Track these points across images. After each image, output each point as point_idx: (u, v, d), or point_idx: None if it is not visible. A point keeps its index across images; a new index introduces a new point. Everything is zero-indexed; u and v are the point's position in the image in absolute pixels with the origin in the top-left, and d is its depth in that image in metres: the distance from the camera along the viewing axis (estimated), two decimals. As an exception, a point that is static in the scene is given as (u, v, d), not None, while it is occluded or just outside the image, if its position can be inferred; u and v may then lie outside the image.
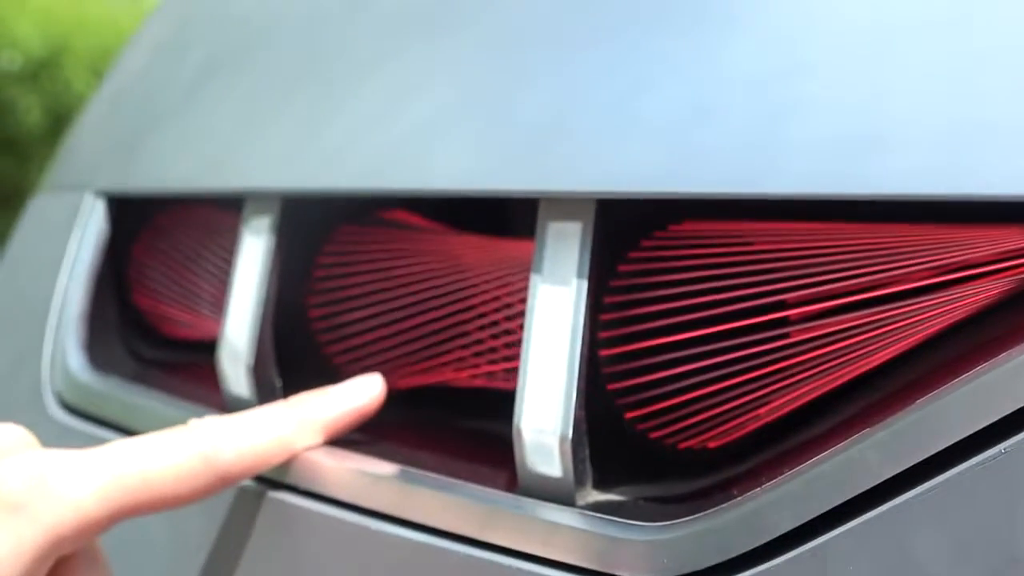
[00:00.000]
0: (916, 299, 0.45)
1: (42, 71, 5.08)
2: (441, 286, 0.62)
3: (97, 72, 5.13)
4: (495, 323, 0.60)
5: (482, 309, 0.61)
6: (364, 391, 0.58)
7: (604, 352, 0.50)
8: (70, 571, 0.51)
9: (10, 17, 5.07)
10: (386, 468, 0.54)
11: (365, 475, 0.54)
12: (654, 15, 0.51)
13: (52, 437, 0.72)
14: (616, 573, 0.45)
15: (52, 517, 0.47)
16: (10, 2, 5.20)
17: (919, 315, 0.45)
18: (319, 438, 0.57)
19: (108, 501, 0.49)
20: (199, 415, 0.63)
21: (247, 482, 0.58)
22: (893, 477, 0.39)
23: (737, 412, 0.50)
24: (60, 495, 0.48)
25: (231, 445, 0.53)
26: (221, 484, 0.53)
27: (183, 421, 0.58)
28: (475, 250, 0.61)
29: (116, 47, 5.21)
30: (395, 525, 0.52)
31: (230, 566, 0.58)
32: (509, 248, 0.59)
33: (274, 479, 0.57)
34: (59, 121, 5.08)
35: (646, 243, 0.51)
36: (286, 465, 0.56)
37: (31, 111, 5.02)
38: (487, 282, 0.61)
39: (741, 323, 0.49)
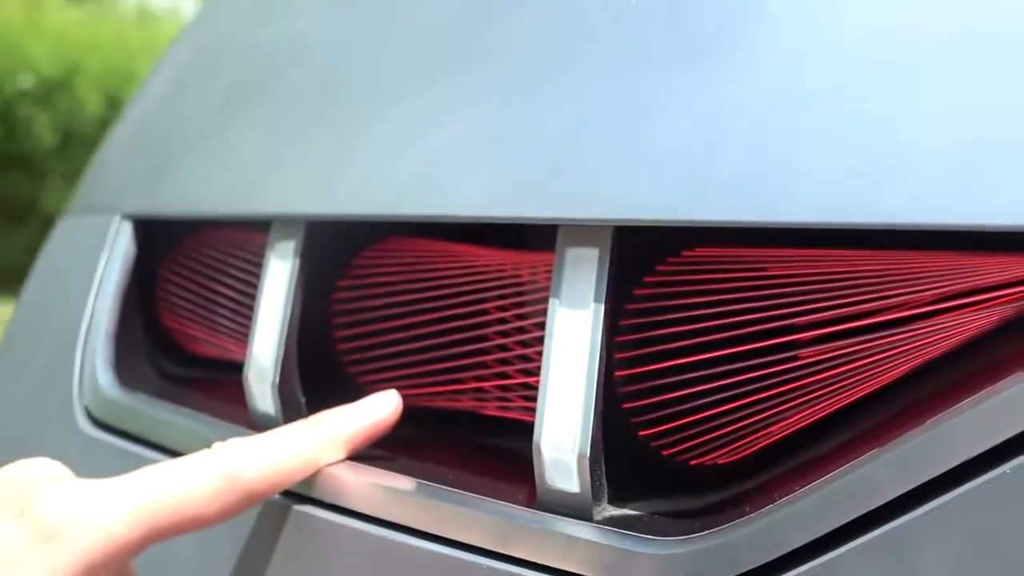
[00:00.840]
0: (921, 323, 0.46)
1: (55, 91, 5.09)
2: (460, 305, 0.63)
3: (107, 92, 5.14)
4: (520, 330, 0.61)
5: (501, 316, 0.62)
6: (381, 406, 0.59)
7: (620, 373, 0.51)
8: None
9: (25, 40, 5.08)
10: (409, 483, 0.54)
11: (389, 489, 0.54)
12: (669, 47, 0.52)
13: (81, 450, 0.72)
14: (633, 586, 0.45)
15: (85, 543, 0.48)
16: (25, 26, 5.21)
17: (924, 339, 0.45)
18: (341, 453, 0.57)
19: (138, 525, 0.50)
20: (222, 430, 0.64)
21: (273, 497, 0.58)
22: (902, 495, 0.40)
23: (748, 431, 0.50)
24: (91, 521, 0.49)
25: (254, 463, 0.54)
26: (247, 502, 0.53)
27: (207, 436, 0.58)
28: (493, 262, 0.62)
29: (126, 68, 5.24)
30: (417, 538, 0.52)
31: (255, 577, 0.59)
32: (527, 261, 0.60)
33: (299, 493, 0.57)
34: (70, 139, 5.09)
35: (661, 268, 0.51)
36: (310, 480, 0.57)
37: (44, 129, 5.03)
38: (506, 295, 0.61)
39: (752, 345, 0.50)
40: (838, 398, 0.48)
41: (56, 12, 5.80)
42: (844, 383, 0.48)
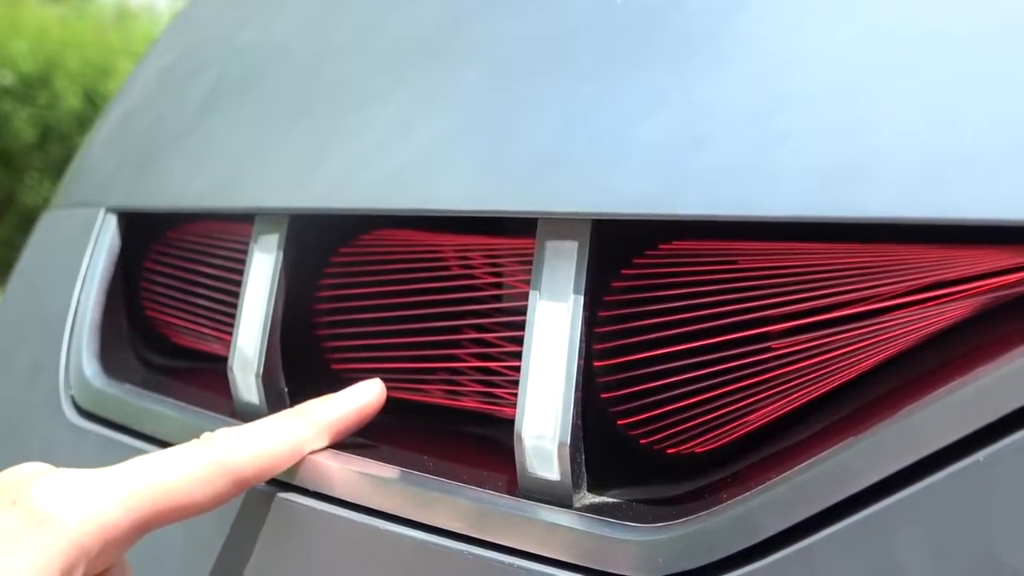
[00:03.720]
0: (892, 315, 0.45)
1: (35, 87, 5.05)
2: (441, 299, 0.62)
3: (86, 88, 5.10)
4: (501, 322, 0.60)
5: (482, 309, 0.61)
6: (365, 393, 0.58)
7: (598, 363, 0.50)
8: None
9: (5, 37, 5.04)
10: (393, 471, 0.53)
11: (373, 478, 0.53)
12: (648, 48, 0.51)
13: (68, 440, 0.71)
14: (613, 571, 0.45)
15: (77, 527, 0.47)
16: (4, 23, 5.17)
17: (896, 330, 0.45)
18: (326, 439, 0.57)
19: (129, 511, 0.49)
20: (207, 419, 0.63)
21: (259, 485, 0.57)
22: (877, 482, 0.39)
23: (722, 420, 0.50)
24: (83, 507, 0.48)
25: (243, 451, 0.53)
26: (236, 488, 0.53)
27: (192, 425, 0.57)
28: (474, 251, 0.61)
29: (105, 65, 5.19)
30: (400, 525, 0.52)
31: (241, 563, 0.58)
32: (508, 246, 0.59)
33: (284, 481, 0.57)
34: (49, 134, 5.05)
35: (638, 261, 0.51)
36: (296, 468, 0.56)
37: (24, 125, 4.99)
38: (487, 286, 0.61)
39: (727, 336, 0.49)
40: (812, 388, 0.48)
41: (36, 9, 5.75)
42: (818, 373, 0.48)
